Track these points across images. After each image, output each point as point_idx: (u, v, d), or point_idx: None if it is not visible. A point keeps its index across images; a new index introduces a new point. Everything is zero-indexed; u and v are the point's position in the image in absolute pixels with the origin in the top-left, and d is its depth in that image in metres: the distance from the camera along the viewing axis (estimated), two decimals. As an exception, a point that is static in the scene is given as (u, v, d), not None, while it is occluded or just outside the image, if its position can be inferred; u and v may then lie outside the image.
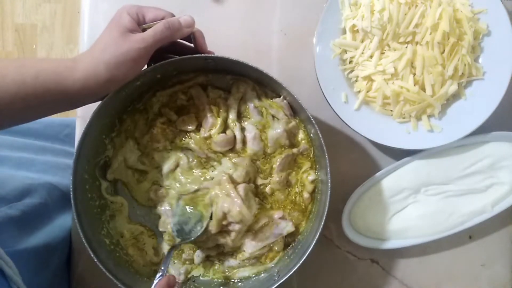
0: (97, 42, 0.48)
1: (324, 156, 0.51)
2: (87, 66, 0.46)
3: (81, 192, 0.52)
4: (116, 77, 0.47)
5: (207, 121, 0.57)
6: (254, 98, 0.57)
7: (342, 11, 0.59)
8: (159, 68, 0.51)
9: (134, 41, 0.46)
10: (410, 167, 0.62)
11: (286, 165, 0.58)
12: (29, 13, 1.59)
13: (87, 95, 0.48)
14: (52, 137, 0.81)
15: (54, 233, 0.61)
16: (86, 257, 0.50)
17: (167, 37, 0.48)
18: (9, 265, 0.48)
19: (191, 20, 0.50)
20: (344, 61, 0.61)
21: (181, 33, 0.49)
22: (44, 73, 0.45)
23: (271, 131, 0.57)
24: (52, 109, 0.49)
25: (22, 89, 0.44)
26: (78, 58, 0.47)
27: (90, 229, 0.52)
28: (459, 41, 0.57)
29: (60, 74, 0.46)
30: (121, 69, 0.46)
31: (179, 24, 0.49)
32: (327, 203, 0.51)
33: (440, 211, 0.61)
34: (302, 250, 0.54)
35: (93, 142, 0.54)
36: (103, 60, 0.46)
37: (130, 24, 0.47)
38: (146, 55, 0.47)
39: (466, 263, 0.65)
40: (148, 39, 0.47)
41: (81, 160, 0.52)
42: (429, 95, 0.58)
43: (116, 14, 0.48)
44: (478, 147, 0.61)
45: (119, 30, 0.46)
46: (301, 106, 0.52)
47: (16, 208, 0.57)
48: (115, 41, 0.46)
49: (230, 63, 0.52)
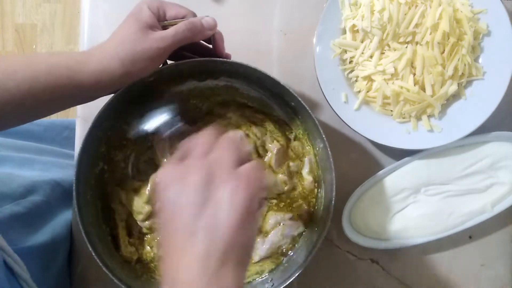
0: (113, 36, 0.46)
1: (331, 173, 0.51)
2: (100, 61, 0.44)
3: (84, 187, 0.52)
4: (131, 73, 0.45)
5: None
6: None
7: (342, 11, 0.59)
8: (174, 68, 0.50)
9: (153, 40, 0.45)
10: (410, 167, 0.62)
11: (281, 158, 0.58)
12: (29, 13, 1.59)
13: (100, 89, 0.46)
14: (51, 139, 0.81)
15: (58, 230, 0.61)
16: (87, 256, 0.50)
17: (188, 38, 0.46)
18: (17, 263, 0.48)
19: (214, 23, 0.48)
20: (344, 61, 0.61)
21: (202, 35, 0.48)
22: (56, 69, 0.44)
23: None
24: (64, 104, 0.48)
25: (34, 85, 0.43)
26: (91, 52, 0.45)
27: (90, 224, 0.52)
28: (459, 41, 0.57)
29: (71, 69, 0.44)
30: (136, 66, 0.45)
31: (201, 26, 0.47)
32: (329, 220, 0.51)
33: (440, 211, 0.61)
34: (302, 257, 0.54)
35: (95, 143, 0.54)
36: (118, 56, 0.44)
37: (151, 19, 0.45)
38: (164, 55, 0.46)
39: (466, 263, 0.65)
40: (168, 39, 0.45)
41: (84, 158, 0.51)
42: (429, 95, 0.58)
43: (136, 7, 0.47)
44: (478, 147, 0.61)
45: (139, 25, 0.45)
46: (318, 129, 0.51)
47: (21, 205, 0.57)
48: (133, 37, 0.44)
49: (247, 69, 0.51)
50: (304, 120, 0.56)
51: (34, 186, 0.62)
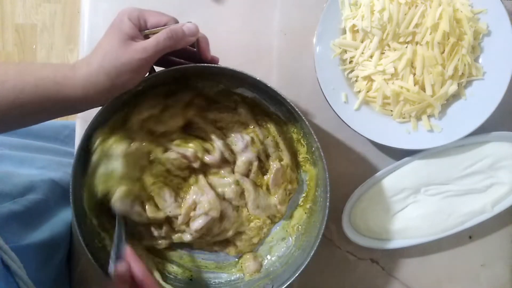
0: (96, 49, 0.46)
1: (325, 174, 0.51)
2: (86, 75, 0.45)
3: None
4: (117, 86, 0.46)
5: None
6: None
7: (342, 11, 0.59)
8: (161, 75, 0.50)
9: (135, 51, 0.45)
10: (410, 167, 0.62)
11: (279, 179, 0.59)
12: (29, 13, 1.59)
13: (86, 102, 0.47)
14: (52, 138, 0.81)
15: (57, 229, 0.62)
16: (87, 255, 0.50)
17: (169, 47, 0.46)
18: (14, 260, 0.48)
19: (195, 29, 0.48)
20: (344, 61, 0.61)
21: (185, 42, 0.47)
22: (43, 82, 0.44)
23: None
24: (50, 116, 0.48)
25: (20, 96, 0.44)
26: (78, 66, 0.46)
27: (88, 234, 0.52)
28: (459, 41, 0.57)
29: (59, 83, 0.45)
30: (121, 78, 0.45)
31: (182, 33, 0.47)
32: (325, 219, 0.51)
33: (440, 211, 0.61)
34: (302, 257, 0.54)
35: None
36: (103, 70, 0.45)
37: (131, 30, 0.45)
38: (147, 65, 0.46)
39: (466, 263, 0.65)
40: (149, 49, 0.45)
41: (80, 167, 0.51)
42: (429, 95, 0.58)
43: (116, 18, 0.47)
44: (478, 147, 0.61)
45: (120, 37, 0.45)
46: (311, 132, 0.52)
47: (20, 204, 0.57)
48: (115, 50, 0.45)
49: (232, 73, 0.50)
50: (297, 121, 0.57)
51: (32, 184, 0.62)
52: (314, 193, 0.59)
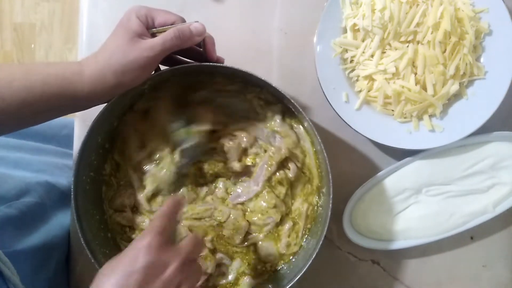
0: (104, 46, 0.47)
1: (328, 175, 0.50)
2: (94, 72, 0.46)
3: (82, 195, 0.52)
4: (123, 83, 0.47)
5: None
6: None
7: (343, 10, 0.59)
8: (167, 73, 0.51)
9: (142, 49, 0.45)
10: (412, 167, 0.61)
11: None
12: (27, 12, 1.58)
13: (93, 99, 0.48)
14: (49, 138, 0.81)
15: (53, 232, 0.61)
16: (86, 255, 0.50)
17: (176, 46, 0.47)
18: (7, 266, 0.48)
19: (202, 29, 0.48)
20: (345, 60, 0.60)
21: (191, 42, 0.48)
22: (51, 79, 0.45)
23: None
24: (58, 113, 0.49)
25: (30, 95, 0.44)
26: (85, 63, 0.46)
27: (89, 231, 0.52)
28: (461, 40, 0.57)
29: (67, 80, 0.45)
30: (128, 76, 0.46)
31: (189, 33, 0.47)
32: (327, 222, 0.50)
33: (442, 212, 0.61)
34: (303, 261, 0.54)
35: (94, 146, 0.54)
36: (110, 67, 0.45)
37: (139, 28, 0.46)
38: (154, 63, 0.47)
39: (468, 264, 0.65)
40: (156, 47, 0.46)
41: (82, 164, 0.51)
42: (430, 95, 0.57)
43: (124, 16, 0.47)
44: (480, 147, 0.60)
45: (128, 35, 0.45)
46: (314, 133, 0.51)
47: (14, 207, 0.56)
48: (122, 48, 0.45)
49: (237, 72, 0.50)
50: (301, 121, 0.56)
51: (28, 187, 0.61)
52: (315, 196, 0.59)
